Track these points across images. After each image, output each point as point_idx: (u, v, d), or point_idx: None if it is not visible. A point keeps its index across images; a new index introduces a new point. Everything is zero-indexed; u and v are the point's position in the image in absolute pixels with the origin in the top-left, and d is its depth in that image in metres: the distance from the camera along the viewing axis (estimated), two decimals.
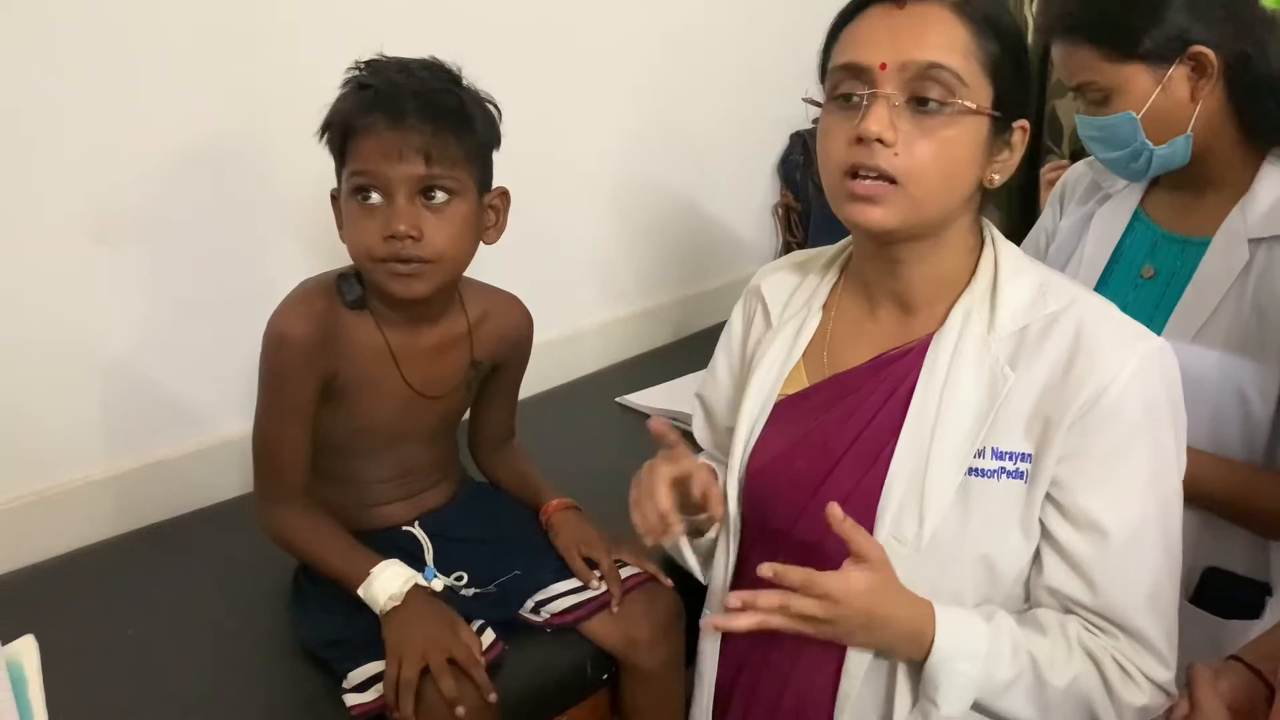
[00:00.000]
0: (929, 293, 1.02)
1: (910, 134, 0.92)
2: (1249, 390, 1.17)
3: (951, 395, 0.97)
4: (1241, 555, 1.23)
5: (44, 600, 1.31)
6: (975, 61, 0.92)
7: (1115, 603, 0.94)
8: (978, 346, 0.98)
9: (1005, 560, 0.96)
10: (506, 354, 1.33)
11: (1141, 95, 1.17)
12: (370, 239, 1.11)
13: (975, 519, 0.96)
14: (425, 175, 1.10)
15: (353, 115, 1.10)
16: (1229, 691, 0.91)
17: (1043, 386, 0.95)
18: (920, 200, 0.93)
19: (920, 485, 0.97)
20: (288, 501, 1.19)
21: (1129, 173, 1.25)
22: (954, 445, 0.96)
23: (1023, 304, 0.98)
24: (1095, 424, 0.93)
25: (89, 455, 1.48)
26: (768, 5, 2.23)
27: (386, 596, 1.10)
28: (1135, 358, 0.93)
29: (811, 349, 1.09)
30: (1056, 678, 0.93)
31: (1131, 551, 0.94)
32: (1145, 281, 1.29)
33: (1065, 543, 0.95)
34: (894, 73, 0.92)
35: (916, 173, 0.92)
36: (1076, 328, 0.95)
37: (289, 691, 1.15)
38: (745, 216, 2.46)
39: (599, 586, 1.24)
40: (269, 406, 1.18)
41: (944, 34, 0.92)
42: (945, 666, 0.92)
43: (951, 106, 0.92)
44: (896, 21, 0.93)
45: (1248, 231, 1.18)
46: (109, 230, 1.43)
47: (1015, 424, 0.96)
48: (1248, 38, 1.16)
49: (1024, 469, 0.95)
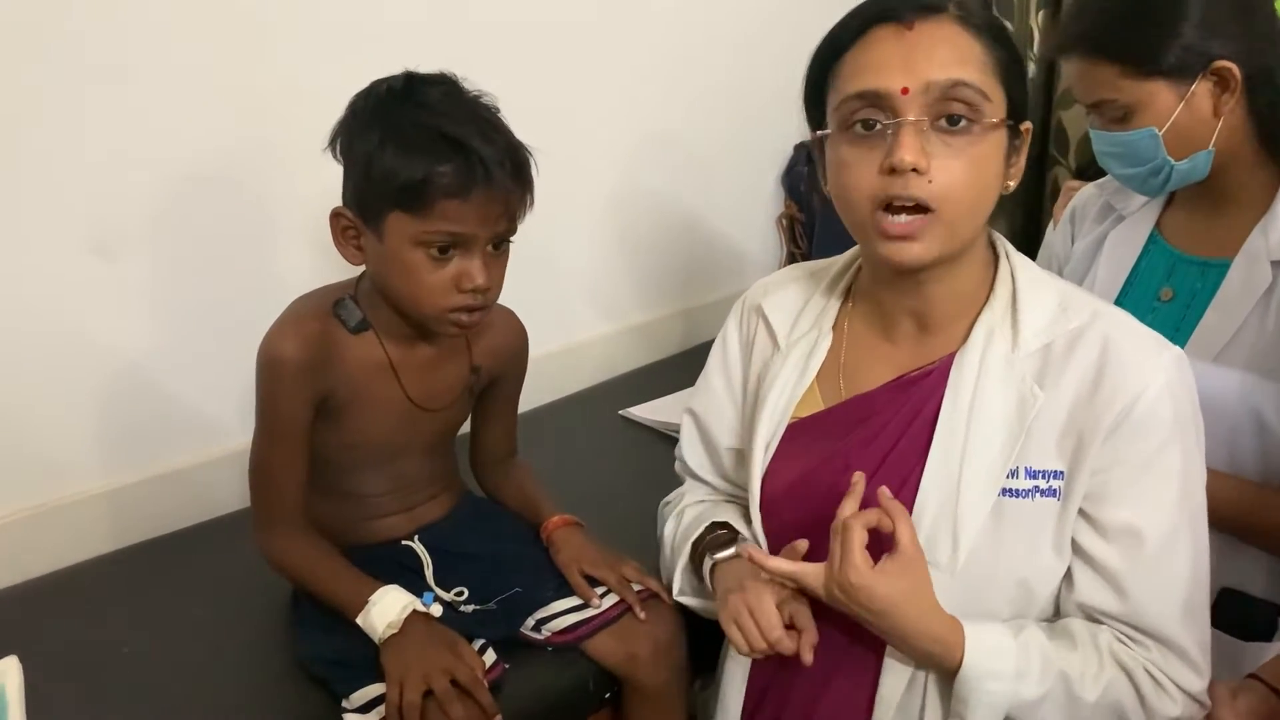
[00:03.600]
0: (949, 311, 1.01)
1: (941, 157, 0.89)
2: (1267, 412, 1.16)
3: (980, 416, 0.96)
4: (1257, 577, 1.22)
5: (41, 615, 1.31)
6: (990, 73, 0.92)
7: (1148, 611, 0.94)
8: (1003, 365, 0.97)
9: (1040, 580, 0.96)
10: (504, 366, 1.32)
11: (1164, 111, 1.16)
12: (442, 291, 1.11)
13: (1009, 540, 0.95)
14: (505, 231, 1.13)
15: (445, 177, 1.06)
16: (1247, 709, 0.91)
17: (1072, 403, 0.94)
18: (955, 224, 0.92)
19: (953, 508, 0.95)
20: (284, 526, 1.18)
21: (1147, 188, 1.24)
22: (986, 466, 0.95)
23: (1045, 320, 0.97)
24: (1129, 436, 0.92)
25: (87, 469, 1.48)
26: (770, 16, 2.23)
27: (385, 624, 1.09)
28: (1163, 368, 0.93)
29: (825, 370, 1.08)
30: (1088, 692, 0.92)
31: (1165, 559, 0.94)
32: (1164, 304, 1.28)
33: (1097, 556, 0.94)
34: (917, 96, 0.89)
35: (951, 197, 0.90)
36: (1103, 342, 0.95)
37: (288, 710, 1.13)
38: (749, 228, 2.46)
39: (600, 604, 1.23)
40: (264, 431, 1.17)
41: (958, 49, 0.91)
42: (974, 685, 0.92)
43: (979, 124, 0.90)
44: (908, 42, 0.91)
45: (1270, 253, 1.17)
46: (111, 241, 1.42)
47: (1047, 442, 0.95)
48: (1268, 52, 1.16)
49: (1057, 487, 0.95)
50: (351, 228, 1.14)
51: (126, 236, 1.44)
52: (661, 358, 2.21)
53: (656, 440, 1.79)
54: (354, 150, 1.11)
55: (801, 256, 2.47)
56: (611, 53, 1.99)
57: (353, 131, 1.11)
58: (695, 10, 2.13)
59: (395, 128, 1.08)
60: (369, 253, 1.14)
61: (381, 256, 1.12)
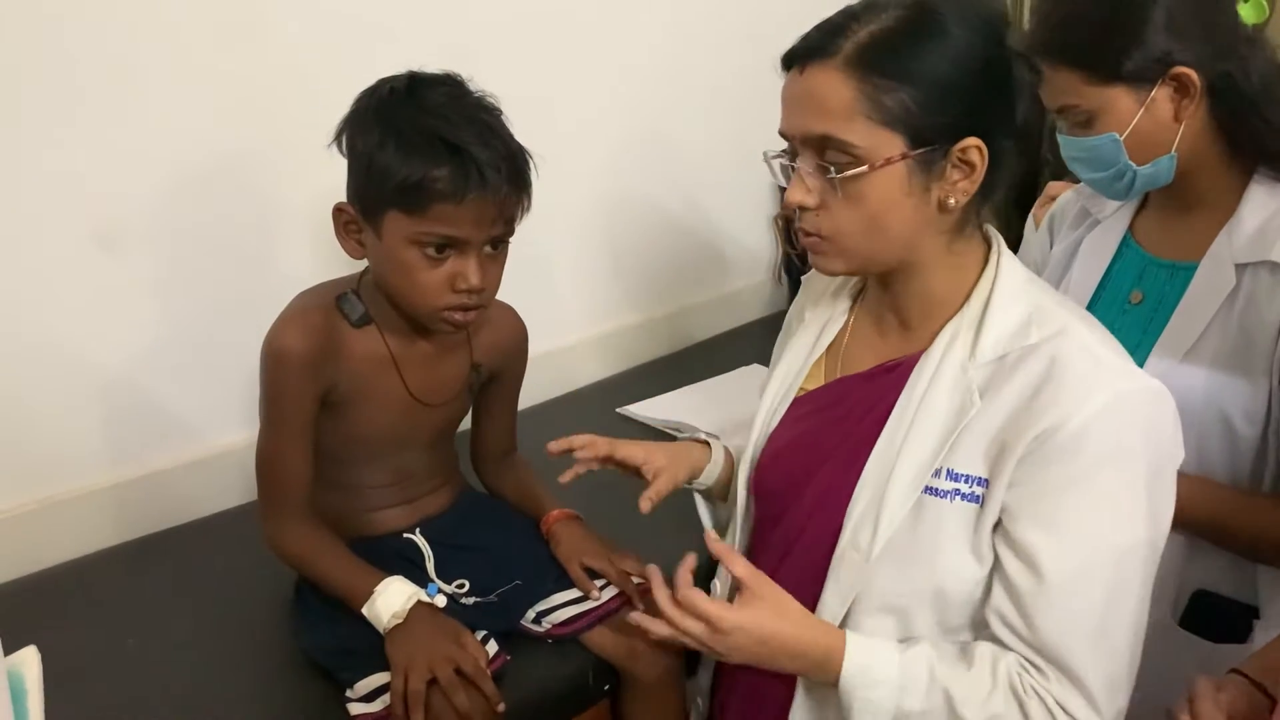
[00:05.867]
0: (922, 313, 1.04)
1: (828, 196, 0.96)
2: (1234, 414, 1.18)
3: (923, 415, 0.99)
4: (1228, 578, 1.23)
5: (44, 610, 1.32)
6: (868, 120, 0.92)
7: (1048, 635, 0.92)
8: (955, 372, 0.99)
9: (954, 582, 0.96)
10: (503, 362, 1.34)
11: (1125, 117, 1.18)
12: (436, 290, 1.13)
13: (925, 537, 0.97)
14: (501, 233, 1.15)
15: (441, 180, 1.08)
16: (1230, 704, 0.92)
17: (1006, 414, 0.95)
18: (853, 251, 0.98)
19: (880, 497, 0.98)
20: (291, 518, 1.20)
21: (1113, 193, 1.26)
22: (915, 463, 0.98)
23: (1006, 332, 0.98)
24: (1047, 457, 0.92)
25: (90, 465, 1.49)
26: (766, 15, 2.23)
27: (390, 614, 1.11)
28: (1106, 396, 0.91)
29: (833, 349, 1.13)
30: (973, 713, 0.93)
31: (1070, 593, 0.92)
32: (1133, 307, 1.29)
33: (1009, 572, 0.94)
34: (801, 143, 0.97)
35: (838, 233, 0.97)
36: (1051, 359, 0.95)
37: (291, 700, 1.15)
38: (744, 228, 2.46)
39: (599, 597, 1.24)
40: (270, 423, 1.19)
41: (830, 100, 0.93)
42: (855, 694, 0.94)
43: (852, 170, 0.93)
44: (798, 90, 0.96)
45: (1234, 256, 1.19)
46: (110, 240, 1.43)
47: (975, 448, 0.96)
48: (1229, 57, 1.16)
49: (979, 493, 0.95)
50: (353, 223, 1.16)
51: (129, 233, 1.45)
52: (657, 357, 2.22)
53: (655, 437, 1.80)
54: (356, 147, 1.13)
55: (796, 256, 2.48)
56: (605, 51, 2.00)
57: (356, 129, 1.13)
58: (690, 9, 2.14)
59: (395, 128, 1.09)
60: (369, 248, 1.16)
61: (380, 253, 1.14)
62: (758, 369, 2.08)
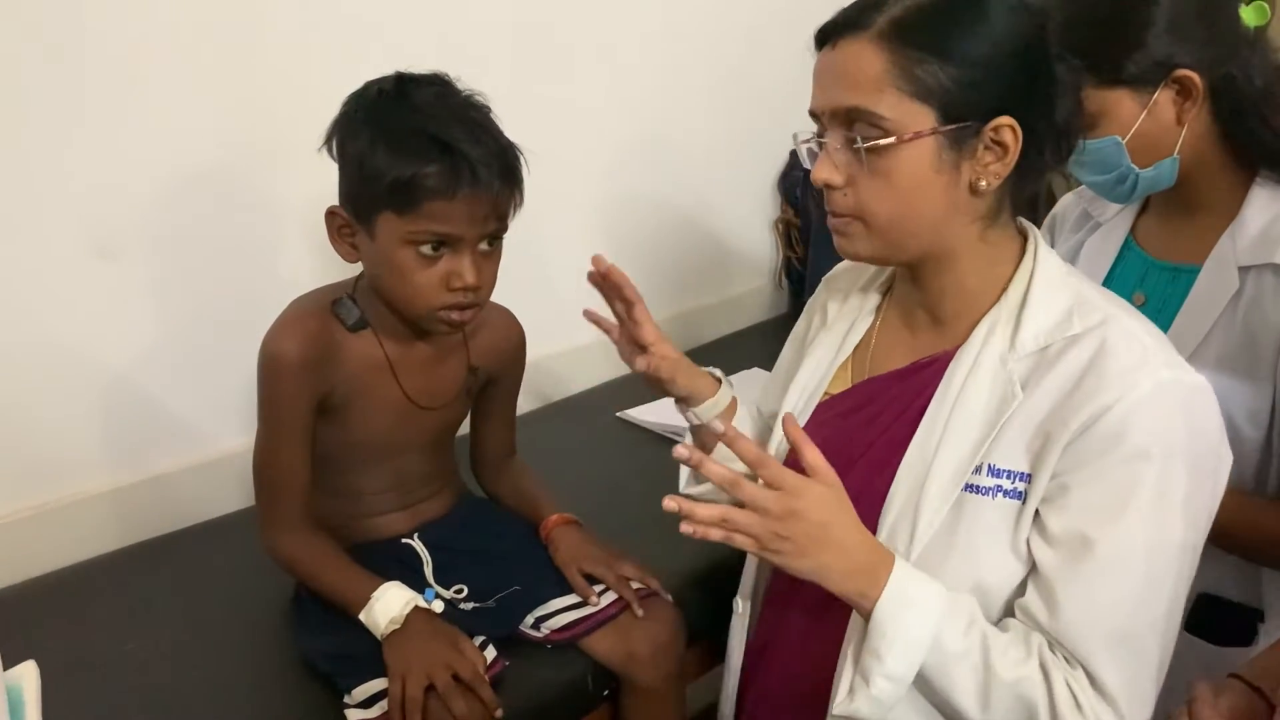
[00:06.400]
0: (955, 307, 1.02)
1: (856, 173, 0.94)
2: (1238, 416, 1.17)
3: (961, 410, 0.97)
4: (1233, 582, 1.23)
5: (43, 614, 1.31)
6: (899, 92, 0.91)
7: (1071, 626, 0.89)
8: (996, 364, 0.97)
9: (997, 581, 0.94)
10: (501, 365, 1.34)
11: (1127, 120, 1.17)
12: (432, 290, 1.13)
13: (965, 535, 0.94)
14: (495, 230, 1.15)
15: (432, 178, 1.08)
16: (1229, 708, 0.91)
17: (1050, 406, 0.93)
18: (884, 231, 0.96)
19: (918, 497, 0.96)
20: (289, 524, 1.20)
21: (1115, 195, 1.26)
22: (955, 460, 0.95)
23: (1049, 324, 0.96)
24: (1090, 446, 0.90)
25: (89, 469, 1.48)
26: (768, 18, 2.23)
27: (388, 620, 1.10)
28: (1149, 384, 0.90)
29: (859, 351, 1.11)
30: (1005, 670, 0.89)
31: (1102, 579, 0.89)
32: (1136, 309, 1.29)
33: (1039, 559, 0.92)
34: (828, 118, 0.95)
35: (867, 210, 0.95)
36: (1096, 348, 0.93)
37: (290, 706, 1.14)
38: (746, 231, 2.46)
39: (598, 602, 1.24)
40: (267, 429, 1.18)
41: (861, 72, 0.92)
42: (895, 613, 0.89)
43: (882, 143, 0.92)
44: (829, 63, 0.95)
45: (1237, 259, 1.18)
46: (110, 244, 1.43)
47: (1017, 443, 0.94)
48: (1232, 59, 1.16)
49: (1022, 489, 0.93)
50: (346, 226, 1.16)
51: (127, 238, 1.45)
52: None
53: (654, 441, 1.80)
54: (347, 150, 1.13)
55: (798, 260, 2.48)
56: (608, 54, 2.00)
57: (345, 132, 1.13)
58: (692, 12, 2.14)
59: (385, 128, 1.09)
60: (363, 251, 1.16)
61: (374, 255, 1.14)
62: (759, 372, 2.07)
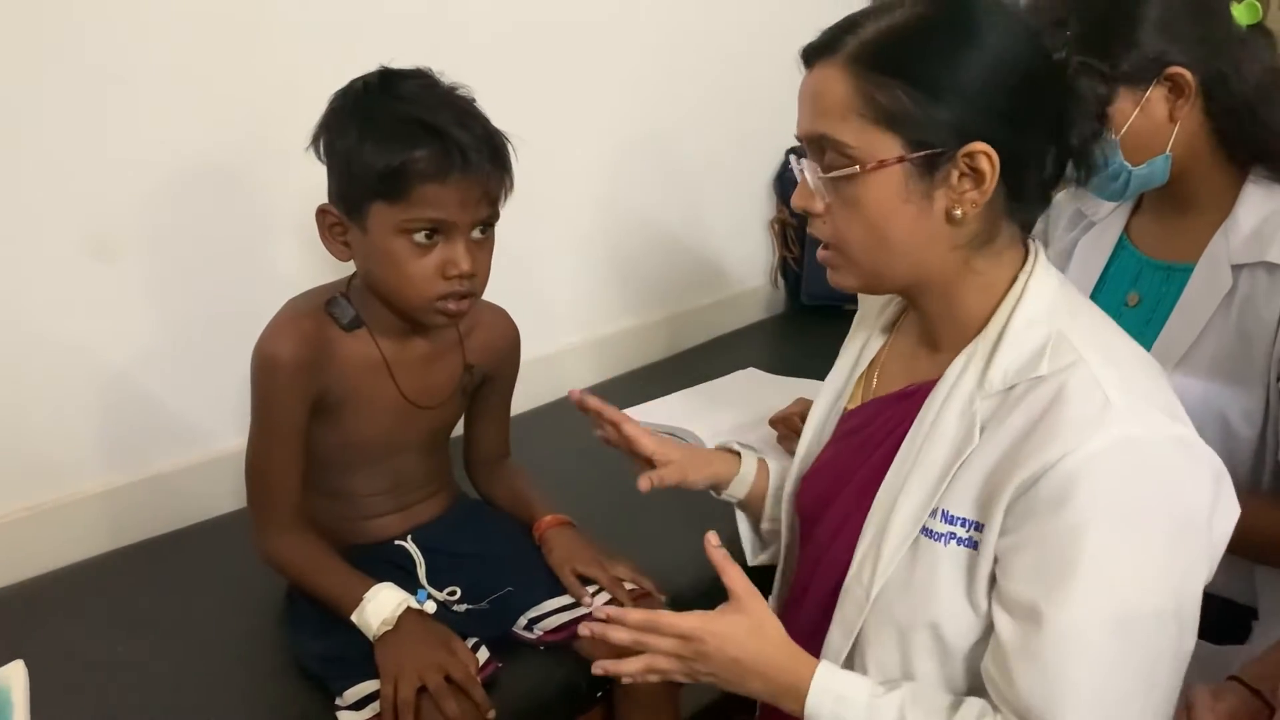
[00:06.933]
0: (949, 334, 0.98)
1: (831, 200, 0.93)
2: (1232, 414, 1.18)
3: (929, 448, 0.93)
4: (1226, 580, 1.22)
5: (37, 615, 1.31)
6: (862, 119, 0.88)
7: (1032, 705, 0.84)
8: (963, 402, 0.92)
9: (953, 628, 0.90)
10: (496, 365, 1.33)
11: (1120, 117, 1.17)
12: (427, 279, 1.12)
13: (920, 580, 0.91)
14: (487, 217, 1.14)
15: (423, 162, 1.07)
16: (1228, 711, 0.91)
17: (1000, 454, 0.88)
18: (860, 261, 0.94)
19: (882, 533, 0.93)
20: (281, 526, 1.19)
21: (1108, 193, 1.26)
22: (916, 500, 0.92)
23: (1018, 363, 0.90)
24: (1032, 506, 0.84)
25: (84, 469, 1.48)
26: (764, 20, 2.24)
27: (379, 621, 1.10)
28: (1102, 441, 0.82)
29: (872, 367, 1.10)
30: None
31: (1058, 659, 0.83)
32: (1130, 309, 1.29)
33: (997, 626, 0.87)
34: (807, 144, 0.94)
35: (841, 238, 0.94)
36: (1054, 395, 0.86)
37: (282, 708, 1.14)
38: (741, 232, 2.47)
39: (592, 603, 1.23)
40: (260, 430, 1.18)
41: (826, 97, 0.90)
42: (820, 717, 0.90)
43: (847, 170, 0.90)
44: (805, 88, 0.94)
45: (1231, 257, 1.19)
46: (106, 245, 1.43)
47: (969, 490, 0.89)
48: (1223, 57, 1.17)
49: (975, 538, 0.89)
50: (338, 224, 1.15)
51: (123, 239, 1.44)
52: (653, 361, 2.22)
53: None
54: (335, 147, 1.13)
55: (793, 261, 2.48)
56: (602, 55, 2.00)
57: (333, 130, 1.13)
58: (688, 13, 2.14)
59: (372, 120, 1.09)
60: (356, 248, 1.16)
61: (367, 250, 1.14)
62: (754, 373, 2.07)
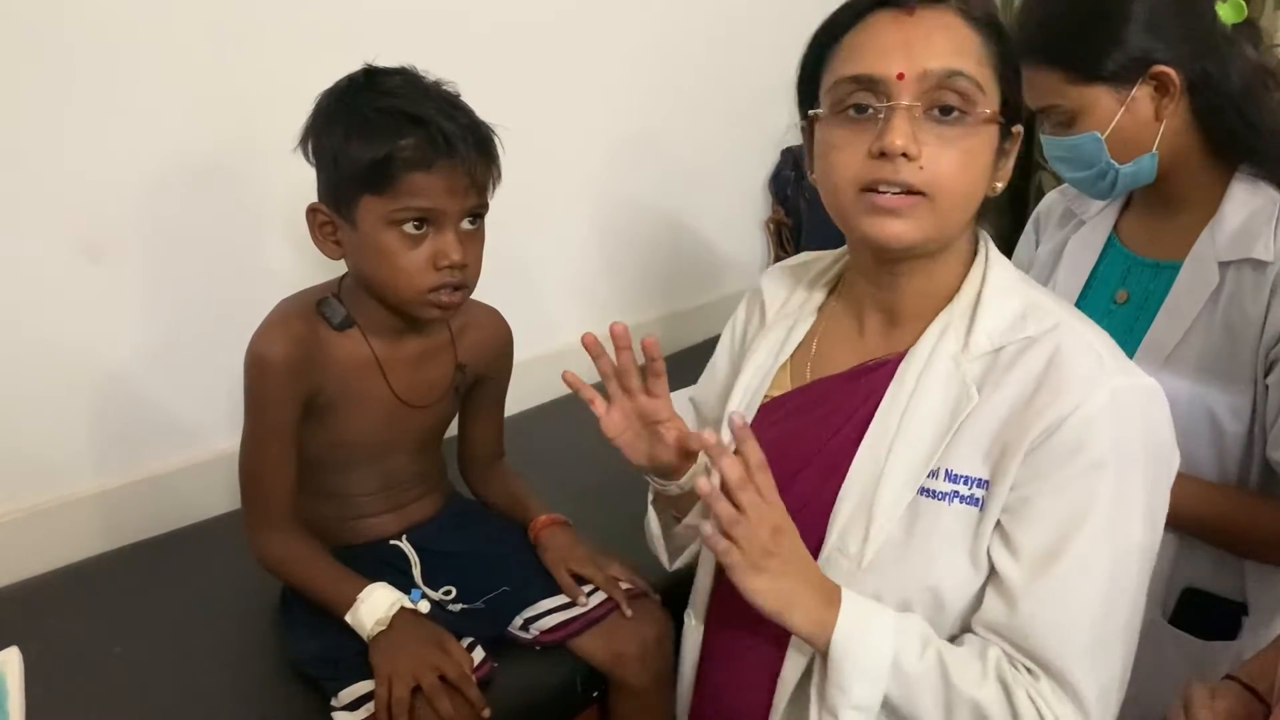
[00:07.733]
0: (917, 307, 0.99)
1: (933, 146, 0.88)
2: (1219, 410, 1.18)
3: (914, 412, 0.94)
4: (1217, 576, 1.24)
5: (30, 616, 1.31)
6: (987, 67, 0.90)
7: (1037, 634, 0.87)
8: (948, 365, 0.95)
9: (952, 589, 0.91)
10: (489, 364, 1.34)
11: (1106, 116, 1.18)
12: (419, 271, 1.12)
13: (920, 541, 0.92)
14: (475, 206, 1.14)
15: (408, 150, 1.08)
16: (1225, 710, 0.91)
17: (1007, 411, 0.91)
18: (945, 213, 0.91)
19: (870, 500, 0.94)
20: (274, 526, 1.19)
21: (1096, 191, 1.26)
22: (909, 463, 0.93)
23: (1002, 325, 0.94)
24: (1049, 457, 0.88)
25: (78, 470, 1.48)
26: (758, 17, 2.24)
27: (373, 621, 1.10)
28: (1107, 392, 0.88)
29: (799, 353, 1.08)
30: (966, 687, 0.87)
31: (1068, 587, 0.87)
32: (1119, 307, 1.30)
33: (1001, 570, 0.89)
34: (912, 83, 0.88)
35: (941, 184, 0.89)
36: (1051, 354, 0.91)
37: (277, 709, 1.14)
38: (737, 232, 2.47)
39: (587, 603, 1.24)
40: (253, 431, 1.18)
41: (957, 40, 0.90)
42: (853, 646, 0.88)
43: (972, 115, 0.89)
44: (907, 29, 0.90)
45: (1217, 254, 1.19)
46: (99, 245, 1.43)
47: (975, 448, 0.92)
48: (1209, 56, 1.17)
49: (980, 495, 0.91)
50: (328, 222, 1.15)
51: (115, 239, 1.44)
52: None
53: None
54: (322, 146, 1.13)
55: None
56: (597, 53, 2.00)
57: (319, 129, 1.13)
58: (682, 11, 2.14)
59: (357, 116, 1.10)
60: (347, 245, 1.16)
61: (358, 245, 1.14)
62: None
